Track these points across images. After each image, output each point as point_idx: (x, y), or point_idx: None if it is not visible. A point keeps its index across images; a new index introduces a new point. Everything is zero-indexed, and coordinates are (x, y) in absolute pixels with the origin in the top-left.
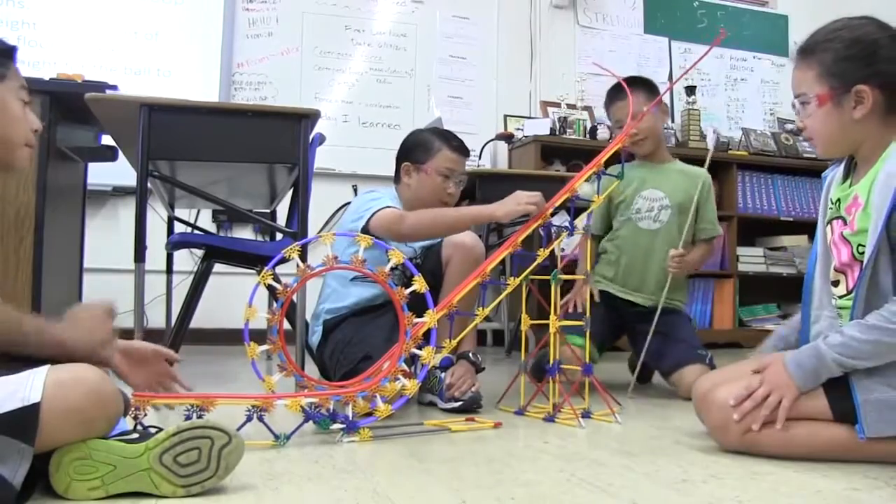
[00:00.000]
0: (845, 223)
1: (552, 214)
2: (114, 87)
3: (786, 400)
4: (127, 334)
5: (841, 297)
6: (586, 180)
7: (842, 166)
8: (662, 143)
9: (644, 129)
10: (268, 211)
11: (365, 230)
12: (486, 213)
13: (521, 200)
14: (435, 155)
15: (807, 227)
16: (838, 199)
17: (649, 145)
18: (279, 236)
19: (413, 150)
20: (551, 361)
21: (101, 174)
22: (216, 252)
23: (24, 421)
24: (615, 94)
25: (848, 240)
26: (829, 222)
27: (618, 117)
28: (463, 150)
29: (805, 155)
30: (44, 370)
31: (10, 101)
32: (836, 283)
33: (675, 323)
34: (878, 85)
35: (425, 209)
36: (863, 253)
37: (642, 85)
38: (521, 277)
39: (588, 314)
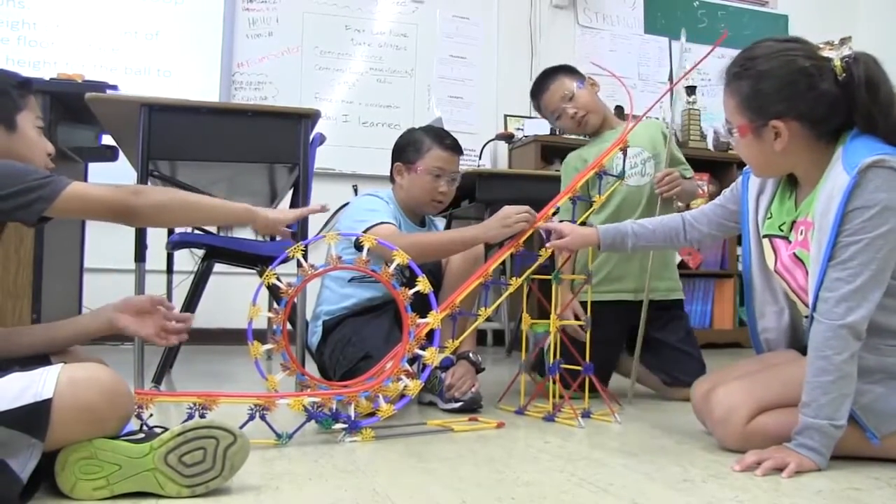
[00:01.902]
0: (789, 243)
1: (553, 214)
2: (114, 87)
3: (793, 464)
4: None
5: (806, 316)
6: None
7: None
8: (607, 112)
9: (582, 106)
10: None
11: (358, 243)
12: (472, 235)
13: (508, 221)
14: (425, 154)
15: None
16: (783, 221)
17: (595, 119)
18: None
19: (404, 150)
20: (551, 360)
21: (101, 174)
22: (216, 252)
23: (35, 416)
24: (539, 85)
25: (802, 260)
26: (769, 238)
27: (552, 108)
28: (454, 149)
29: None
30: (57, 368)
31: (28, 128)
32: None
33: (683, 328)
34: (795, 118)
35: (417, 234)
36: None
37: (560, 70)
38: (522, 278)
39: (588, 313)
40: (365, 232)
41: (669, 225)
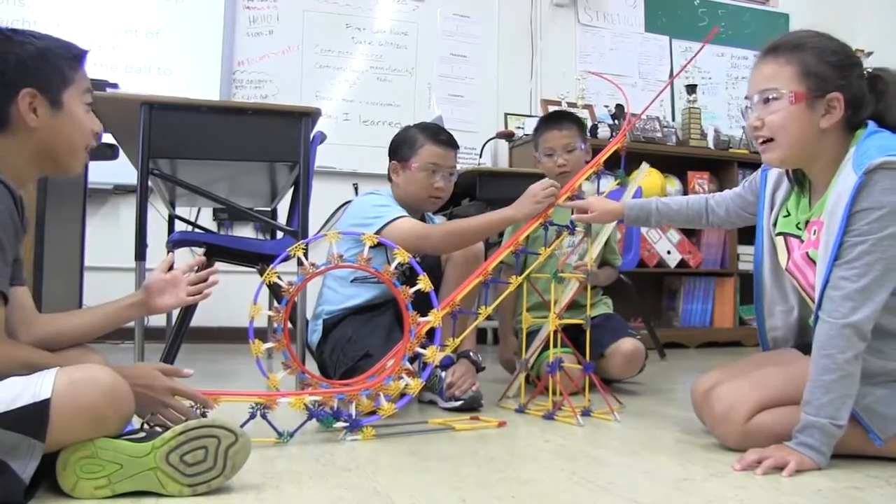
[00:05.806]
0: (802, 242)
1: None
2: (114, 86)
3: (793, 463)
4: (127, 333)
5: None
6: (586, 179)
7: (785, 177)
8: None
9: (573, 164)
10: (268, 209)
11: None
12: (506, 216)
13: (538, 198)
14: (419, 150)
15: None
16: (799, 220)
17: (570, 178)
18: (280, 235)
19: (399, 148)
20: (550, 359)
21: (101, 173)
22: (217, 250)
23: (34, 417)
24: (552, 123)
25: (813, 260)
26: (783, 236)
27: (551, 144)
28: (449, 144)
29: None
30: (53, 370)
31: (74, 106)
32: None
33: (602, 319)
34: (848, 97)
35: (449, 222)
36: None
37: (578, 122)
38: (522, 276)
39: (588, 310)
40: (384, 227)
41: (693, 208)
